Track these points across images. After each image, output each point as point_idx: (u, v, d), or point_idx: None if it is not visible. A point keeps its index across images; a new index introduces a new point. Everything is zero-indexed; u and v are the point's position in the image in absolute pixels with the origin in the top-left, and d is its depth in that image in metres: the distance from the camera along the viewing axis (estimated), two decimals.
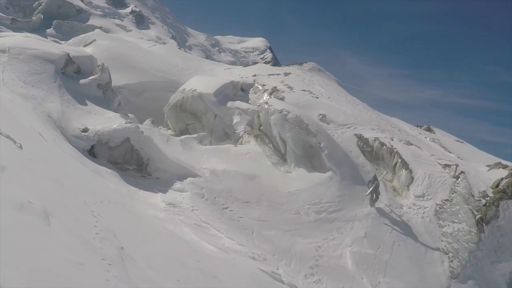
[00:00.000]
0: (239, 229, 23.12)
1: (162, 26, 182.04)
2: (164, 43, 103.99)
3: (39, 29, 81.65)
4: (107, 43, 52.93)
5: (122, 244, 11.17)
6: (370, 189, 28.18)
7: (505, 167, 33.47)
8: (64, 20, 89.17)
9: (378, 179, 29.06)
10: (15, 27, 79.48)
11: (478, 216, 27.82)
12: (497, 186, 30.14)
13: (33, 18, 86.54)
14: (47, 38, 61.97)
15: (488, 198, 29.01)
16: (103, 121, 27.00)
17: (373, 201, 28.22)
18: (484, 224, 27.64)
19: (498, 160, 39.40)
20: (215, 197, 25.09)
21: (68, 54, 33.10)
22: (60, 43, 52.95)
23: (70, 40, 59.22)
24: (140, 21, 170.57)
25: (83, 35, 61.15)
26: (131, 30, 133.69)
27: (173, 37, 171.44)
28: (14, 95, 24.99)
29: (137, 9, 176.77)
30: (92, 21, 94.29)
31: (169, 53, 60.34)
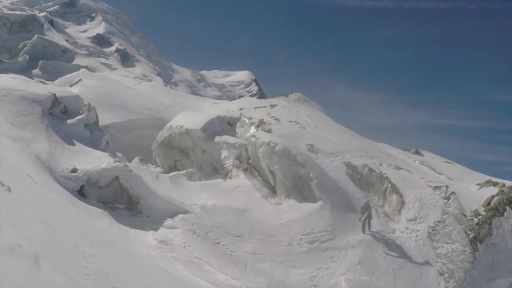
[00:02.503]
0: (233, 263, 23.00)
1: (147, 63, 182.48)
2: (149, 80, 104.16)
3: (25, 70, 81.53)
4: (93, 82, 53.10)
5: (114, 284, 11.06)
6: (364, 215, 28.15)
7: (495, 184, 33.51)
8: (49, 60, 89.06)
9: (371, 206, 29.07)
10: (1, 68, 79.25)
11: (471, 235, 27.78)
12: (489, 204, 30.16)
13: (19, 59, 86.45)
14: (33, 79, 62.06)
15: (481, 216, 29.01)
16: (92, 161, 26.91)
17: (365, 228, 28.19)
18: (478, 243, 27.59)
19: (488, 178, 39.40)
20: (207, 233, 24.99)
21: (55, 94, 33.10)
22: (46, 84, 53.09)
23: (56, 81, 59.44)
24: (125, 59, 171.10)
25: (69, 75, 61.35)
26: (116, 68, 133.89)
27: (158, 74, 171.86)
28: (1, 137, 24.89)
29: (122, 47, 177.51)
30: (77, 61, 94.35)
31: (155, 90, 60.48)
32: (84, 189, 24.88)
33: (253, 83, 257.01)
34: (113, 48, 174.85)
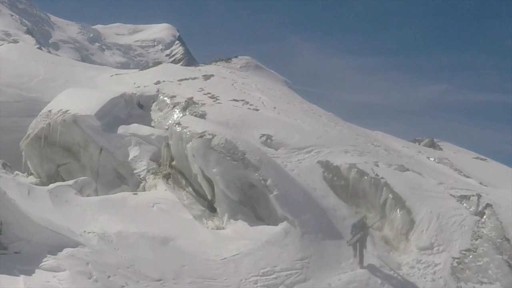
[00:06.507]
0: None
1: (12, 15, 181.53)
2: (15, 41, 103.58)
3: None
4: None
5: None
6: (355, 237, 27.82)
7: None
8: None
9: (369, 226, 28.80)
10: None
11: None
12: None
13: None
14: None
15: None
16: None
17: (360, 259, 27.98)
18: None
19: None
20: (109, 276, 24.67)
21: None
22: None
23: None
24: None
25: None
26: None
27: (29, 31, 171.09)
28: None
29: None
30: None
31: (24, 57, 60.00)
32: None
33: (177, 42, 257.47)
34: None
